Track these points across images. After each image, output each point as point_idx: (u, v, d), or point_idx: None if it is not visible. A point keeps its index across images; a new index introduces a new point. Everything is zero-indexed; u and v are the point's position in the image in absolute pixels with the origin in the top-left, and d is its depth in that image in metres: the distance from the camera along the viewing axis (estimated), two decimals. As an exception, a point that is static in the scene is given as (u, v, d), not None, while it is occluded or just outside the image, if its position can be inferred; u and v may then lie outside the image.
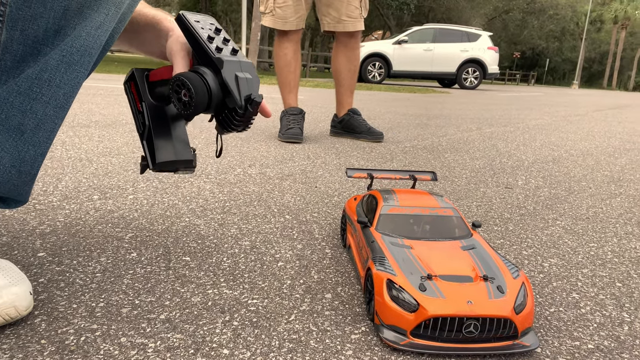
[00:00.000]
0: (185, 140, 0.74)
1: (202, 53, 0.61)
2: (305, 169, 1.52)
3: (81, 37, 0.56)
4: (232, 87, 0.59)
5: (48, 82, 0.56)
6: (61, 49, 0.55)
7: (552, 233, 1.04)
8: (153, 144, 0.70)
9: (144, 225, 0.92)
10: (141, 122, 0.71)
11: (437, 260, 0.63)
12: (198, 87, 0.58)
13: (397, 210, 0.74)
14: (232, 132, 0.63)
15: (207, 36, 0.61)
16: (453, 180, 1.50)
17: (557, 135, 2.91)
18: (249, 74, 0.61)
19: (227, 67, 0.59)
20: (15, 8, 0.51)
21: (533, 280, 0.79)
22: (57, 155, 1.49)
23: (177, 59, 0.65)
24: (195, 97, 0.58)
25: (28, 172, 0.60)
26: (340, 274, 0.77)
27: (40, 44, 0.54)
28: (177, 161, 0.72)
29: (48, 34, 0.54)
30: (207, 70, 0.60)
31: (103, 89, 4.10)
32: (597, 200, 1.36)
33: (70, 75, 0.57)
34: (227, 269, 0.76)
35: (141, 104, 0.71)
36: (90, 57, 0.58)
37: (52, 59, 0.55)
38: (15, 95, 0.55)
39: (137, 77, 0.71)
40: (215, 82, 0.59)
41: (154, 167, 0.70)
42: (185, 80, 0.58)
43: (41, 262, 0.74)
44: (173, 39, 0.67)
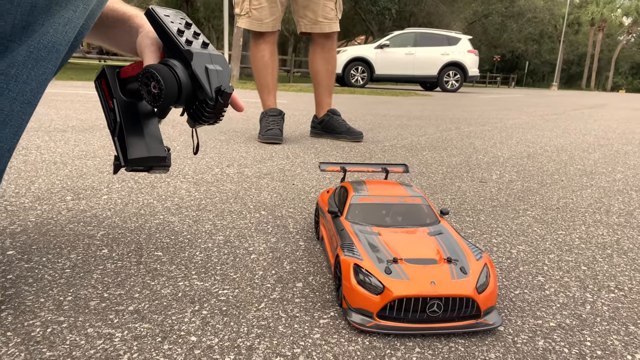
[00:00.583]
0: (158, 136, 0.73)
1: (172, 46, 0.61)
2: (283, 168, 1.53)
3: (49, 34, 0.56)
4: (202, 79, 0.59)
5: (15, 78, 0.55)
6: (28, 45, 0.55)
7: (522, 222, 1.06)
8: (125, 140, 0.69)
9: (116, 224, 0.92)
10: (112, 119, 0.71)
11: (403, 245, 0.64)
12: (167, 78, 0.58)
13: (366, 199, 0.76)
14: (203, 124, 0.63)
15: (176, 29, 0.61)
16: (429, 176, 1.52)
17: (533, 133, 2.96)
18: (219, 65, 0.61)
19: (196, 59, 0.59)
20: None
21: (500, 265, 0.81)
22: (31, 159, 1.47)
23: (146, 53, 0.65)
24: (164, 89, 0.58)
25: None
26: (312, 264, 0.77)
27: (8, 40, 0.54)
28: (150, 157, 0.71)
29: (15, 30, 0.54)
30: (176, 62, 0.60)
31: (82, 96, 4.06)
32: (568, 191, 1.39)
33: (38, 71, 0.57)
34: (199, 262, 0.76)
35: (112, 100, 0.71)
36: (57, 53, 0.58)
37: (20, 55, 0.55)
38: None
39: (108, 73, 0.71)
40: (185, 74, 0.59)
41: (127, 164, 0.70)
42: (154, 72, 0.58)
43: (10, 259, 0.74)
44: (143, 34, 0.68)
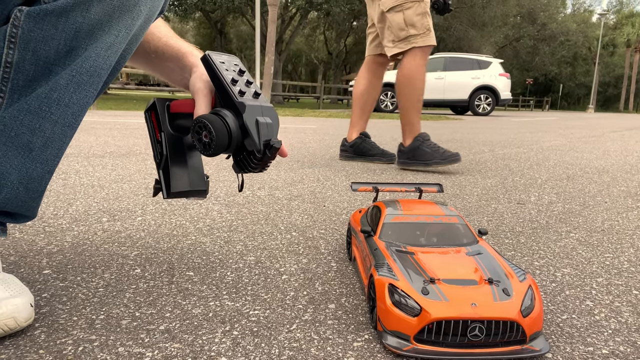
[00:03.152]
0: (200, 170, 0.76)
1: (224, 94, 0.63)
2: (314, 190, 1.52)
3: (91, 58, 0.57)
4: (253, 132, 0.61)
5: (57, 101, 0.57)
6: (71, 69, 0.57)
7: (565, 245, 1.01)
8: (169, 173, 0.72)
9: (149, 244, 0.93)
10: (159, 152, 0.73)
11: (440, 265, 0.62)
12: (219, 129, 0.60)
13: (400, 218, 0.73)
14: (248, 172, 0.65)
15: (230, 79, 0.63)
16: (464, 197, 1.48)
17: (572, 155, 2.87)
18: (270, 118, 0.63)
19: (248, 111, 0.61)
20: (27, 30, 0.53)
21: (545, 289, 0.76)
22: (70, 182, 1.52)
23: (199, 97, 0.66)
24: (215, 140, 0.60)
25: (35, 189, 0.61)
26: (345, 286, 0.75)
27: (52, 64, 0.56)
28: (190, 191, 0.74)
29: (59, 55, 0.56)
30: (228, 112, 0.61)
31: (120, 124, 4.20)
32: (612, 213, 1.32)
33: (79, 95, 0.58)
34: (230, 282, 0.75)
35: (160, 133, 0.73)
36: (99, 77, 0.59)
37: (62, 79, 0.56)
38: (25, 113, 0.56)
39: (158, 107, 0.73)
40: (236, 125, 0.61)
41: (169, 196, 0.72)
42: (207, 122, 0.60)
43: (46, 278, 0.74)
44: (196, 75, 0.69)
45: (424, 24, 2.03)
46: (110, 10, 0.57)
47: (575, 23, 37.12)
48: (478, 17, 24.25)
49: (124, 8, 0.58)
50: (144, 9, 0.61)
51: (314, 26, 26.83)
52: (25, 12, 0.53)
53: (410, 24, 2.03)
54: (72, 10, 0.54)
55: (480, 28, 24.65)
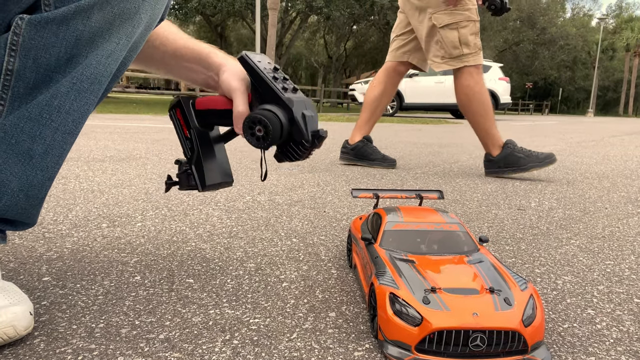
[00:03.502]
0: (227, 162, 0.80)
1: (269, 91, 0.67)
2: (314, 196, 1.52)
3: (92, 66, 0.57)
4: (301, 125, 0.66)
5: (58, 108, 0.57)
6: (72, 77, 0.56)
7: (566, 252, 1.01)
8: (202, 168, 0.75)
9: (149, 250, 0.92)
10: (189, 148, 0.76)
11: (442, 274, 0.61)
12: (275, 124, 0.64)
13: (401, 226, 0.73)
14: (294, 161, 0.69)
15: (272, 76, 0.67)
16: (464, 203, 1.48)
17: (572, 160, 2.87)
18: (311, 111, 0.68)
19: (296, 106, 0.66)
20: (28, 38, 0.53)
21: (546, 297, 0.76)
22: (69, 187, 1.51)
23: (237, 95, 0.69)
24: (271, 133, 0.64)
25: (35, 196, 0.61)
26: (346, 293, 0.75)
27: (53, 72, 0.56)
28: (222, 183, 0.78)
29: (60, 62, 0.56)
30: (277, 107, 0.66)
31: (121, 128, 4.20)
32: (613, 219, 1.32)
33: (80, 102, 0.58)
34: (230, 290, 0.75)
35: (189, 130, 0.75)
36: (100, 84, 0.60)
37: (63, 86, 0.56)
38: (25, 121, 0.56)
39: (184, 104, 0.75)
40: (286, 119, 0.66)
41: (204, 189, 0.76)
42: (262, 117, 0.64)
43: (45, 285, 0.74)
44: (229, 74, 0.71)
45: (477, 44, 2.08)
46: (111, 18, 0.57)
47: (575, 27, 37.22)
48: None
49: (125, 16, 0.58)
50: (145, 17, 0.61)
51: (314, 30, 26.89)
52: (27, 20, 0.53)
53: (465, 42, 2.06)
54: (73, 18, 0.54)
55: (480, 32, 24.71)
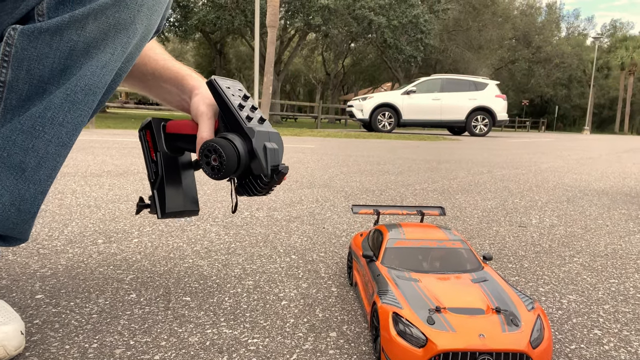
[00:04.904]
0: (193, 190, 0.76)
1: (232, 119, 0.64)
2: (313, 212, 1.50)
3: (86, 77, 0.56)
4: (261, 157, 0.62)
5: (51, 120, 0.55)
6: (66, 88, 0.55)
7: (569, 270, 0.99)
8: (164, 193, 0.71)
9: (145, 267, 0.91)
10: (154, 171, 0.73)
11: (446, 293, 0.60)
12: (229, 154, 0.61)
13: (403, 243, 0.72)
14: (253, 196, 0.66)
15: (238, 104, 0.64)
16: (464, 220, 1.47)
17: (570, 177, 2.87)
18: (276, 143, 0.65)
19: (257, 137, 0.62)
20: (21, 49, 0.52)
21: (552, 317, 0.74)
22: (66, 202, 1.50)
23: (203, 120, 0.66)
24: (225, 163, 0.61)
25: (28, 211, 0.59)
26: (347, 312, 0.73)
27: (46, 83, 0.54)
28: (184, 211, 0.74)
29: (54, 73, 0.55)
30: (236, 137, 0.62)
31: (118, 143, 4.20)
32: (615, 237, 1.31)
33: (74, 114, 0.57)
34: (228, 308, 0.73)
35: (156, 153, 0.72)
36: (94, 96, 0.58)
37: (57, 98, 0.55)
38: (18, 133, 0.54)
39: (154, 126, 0.73)
40: (245, 150, 0.62)
41: (163, 216, 0.72)
42: (217, 146, 0.61)
43: (38, 304, 0.72)
44: (199, 98, 0.69)
45: None
46: (106, 28, 0.56)
47: (570, 46, 37.65)
48: (474, 39, 24.61)
49: (120, 26, 0.57)
50: (140, 28, 0.60)
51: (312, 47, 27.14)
52: (19, 30, 0.52)
53: None
54: (67, 28, 0.53)
55: (476, 50, 24.99)
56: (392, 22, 18.23)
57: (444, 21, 22.85)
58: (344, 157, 3.74)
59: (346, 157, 3.68)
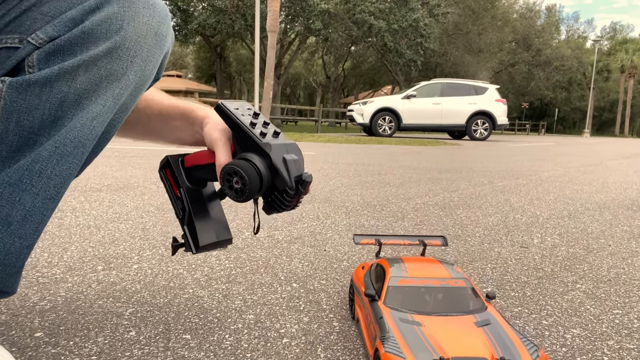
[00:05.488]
0: (223, 220, 0.75)
1: (246, 139, 0.63)
2: (314, 231, 1.50)
3: (76, 129, 0.55)
4: (282, 170, 0.60)
5: (39, 173, 0.54)
6: (55, 140, 0.54)
7: (572, 298, 0.98)
8: (195, 228, 0.70)
9: (145, 299, 0.90)
10: (180, 208, 0.72)
11: (449, 339, 0.59)
12: (250, 173, 0.59)
13: (405, 282, 0.71)
14: (282, 212, 0.64)
15: (249, 122, 0.63)
16: (466, 239, 1.46)
17: (571, 188, 2.86)
18: (295, 154, 0.63)
19: (274, 150, 0.61)
20: (10, 101, 0.51)
21: (555, 355, 0.74)
22: (66, 222, 1.49)
23: (219, 146, 0.66)
24: (248, 184, 0.59)
25: (13, 265, 0.56)
26: (349, 351, 0.72)
27: (36, 134, 0.53)
28: (218, 242, 0.73)
29: (44, 125, 0.53)
30: (254, 155, 0.61)
31: (118, 151, 4.19)
32: (617, 259, 1.30)
33: (62, 166, 0.55)
34: (228, 347, 0.72)
35: (179, 189, 0.72)
36: (84, 148, 0.57)
37: (45, 150, 0.54)
38: (5, 186, 0.53)
39: (173, 163, 0.72)
40: (265, 166, 0.61)
41: (197, 251, 0.71)
42: (237, 168, 0.60)
43: (37, 343, 0.71)
44: (210, 126, 0.68)
45: None
46: (98, 79, 0.55)
47: (570, 49, 37.73)
48: (474, 43, 24.64)
49: (112, 77, 0.56)
50: (134, 78, 0.59)
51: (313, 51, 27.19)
52: (8, 83, 0.51)
53: None
54: (56, 80, 0.52)
55: (476, 54, 25.02)
56: (392, 26, 18.26)
57: (444, 25, 22.89)
58: (344, 166, 3.74)
59: (347, 166, 3.68)
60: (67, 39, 0.53)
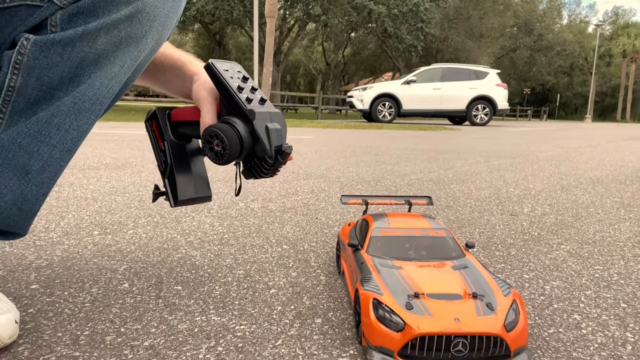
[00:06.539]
0: (204, 176, 0.76)
1: (231, 102, 0.63)
2: (307, 202, 1.52)
3: (94, 87, 0.57)
4: (263, 138, 0.61)
5: (57, 126, 0.56)
6: (73, 96, 0.56)
7: (555, 257, 1.01)
8: (175, 181, 0.72)
9: (139, 258, 0.93)
10: (163, 161, 0.73)
11: (426, 279, 0.62)
12: (231, 138, 0.60)
13: (388, 232, 0.74)
14: (260, 178, 0.65)
15: (237, 86, 0.64)
16: (457, 209, 1.49)
17: (567, 165, 2.88)
18: (278, 124, 0.64)
19: (258, 118, 0.62)
20: (33, 58, 0.53)
21: (533, 302, 0.76)
22: (63, 195, 1.52)
23: (204, 105, 0.67)
24: (228, 148, 0.60)
25: (29, 210, 0.60)
26: (333, 300, 0.75)
27: (55, 89, 0.55)
28: (197, 198, 0.75)
29: (63, 81, 0.55)
30: (237, 120, 0.62)
31: (118, 135, 4.21)
32: (604, 225, 1.33)
33: (80, 121, 0.58)
34: (217, 296, 0.75)
35: (163, 142, 0.73)
36: (101, 105, 0.59)
37: (64, 105, 0.56)
38: (23, 136, 0.55)
39: (159, 116, 0.73)
40: (247, 132, 0.62)
41: (176, 204, 0.73)
42: (218, 131, 0.61)
43: (33, 293, 0.74)
44: (199, 84, 0.69)
45: None
46: (117, 41, 0.57)
47: (572, 34, 37.42)
48: (475, 28, 24.43)
49: (131, 40, 0.58)
50: (151, 42, 0.61)
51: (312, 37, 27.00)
52: (32, 40, 0.53)
53: None
54: (79, 40, 0.54)
55: (477, 39, 24.82)
56: (392, 11, 18.11)
57: (445, 10, 22.69)
58: (342, 147, 3.75)
59: (344, 148, 3.69)
60: (91, 2, 0.54)
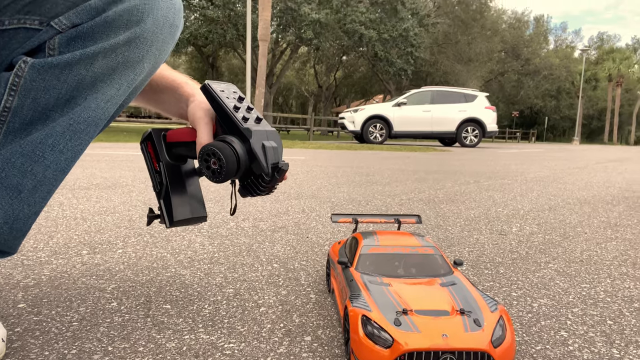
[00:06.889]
0: (199, 197, 0.77)
1: (228, 121, 0.65)
2: (298, 222, 1.52)
3: (90, 109, 0.58)
4: (260, 156, 0.63)
5: (52, 147, 0.57)
6: (69, 117, 0.57)
7: (543, 275, 1.02)
8: (170, 202, 0.73)
9: (128, 277, 0.92)
10: (158, 182, 0.74)
11: (414, 296, 0.62)
12: (228, 155, 0.61)
13: (377, 250, 0.74)
14: (256, 196, 0.66)
15: (233, 106, 0.65)
16: (446, 228, 1.50)
17: (555, 186, 2.91)
18: (274, 142, 0.65)
19: (255, 136, 0.63)
20: (30, 80, 0.54)
21: (521, 320, 0.77)
22: (52, 215, 1.51)
23: (201, 125, 0.68)
24: (225, 166, 0.61)
25: (20, 229, 0.59)
26: (323, 317, 0.75)
27: (50, 111, 0.56)
28: (192, 218, 0.75)
29: (59, 103, 0.56)
30: (234, 139, 0.63)
31: (109, 156, 4.20)
32: (592, 244, 1.34)
33: (74, 142, 0.58)
34: (207, 315, 0.75)
35: (159, 163, 0.74)
36: (96, 127, 0.60)
37: (59, 126, 0.56)
38: (18, 156, 0.55)
39: (155, 137, 0.74)
40: (244, 151, 0.63)
41: (171, 225, 0.73)
42: (215, 149, 0.62)
43: (20, 312, 0.74)
44: (195, 104, 0.71)
45: None
46: (115, 65, 0.58)
47: (558, 58, 38.28)
48: (464, 52, 24.93)
49: (128, 64, 0.59)
50: (148, 65, 0.62)
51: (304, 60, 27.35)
52: (30, 64, 0.54)
53: None
54: (76, 64, 0.55)
55: (466, 63, 25.29)
56: (382, 36, 18.45)
57: (434, 35, 23.16)
58: (333, 168, 3.77)
59: (335, 169, 3.71)
60: (90, 27, 0.55)
